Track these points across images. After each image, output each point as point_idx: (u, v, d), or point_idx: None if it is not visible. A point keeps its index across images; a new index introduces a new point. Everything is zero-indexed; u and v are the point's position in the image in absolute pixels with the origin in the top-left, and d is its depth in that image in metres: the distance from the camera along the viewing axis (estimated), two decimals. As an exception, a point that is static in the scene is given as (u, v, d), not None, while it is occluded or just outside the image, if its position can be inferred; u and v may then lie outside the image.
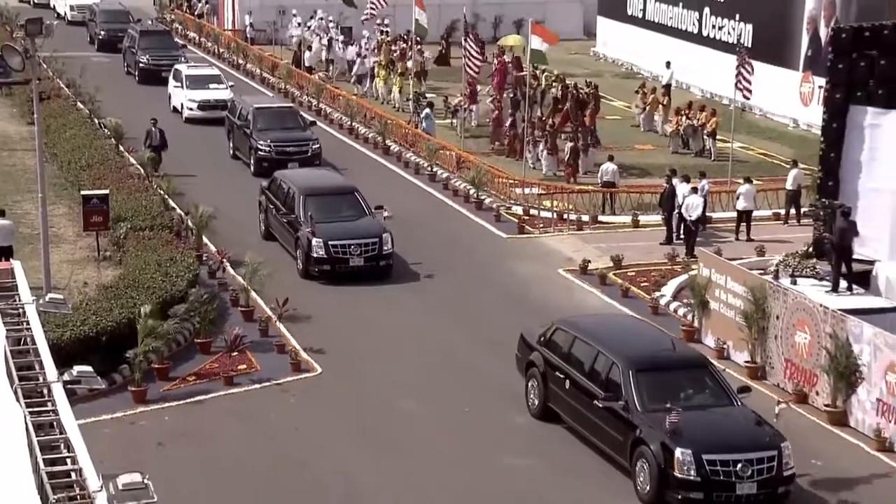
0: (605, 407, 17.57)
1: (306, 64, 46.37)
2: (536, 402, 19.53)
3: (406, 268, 26.51)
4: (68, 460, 9.68)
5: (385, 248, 25.45)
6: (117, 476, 9.33)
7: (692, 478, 16.41)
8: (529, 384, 19.75)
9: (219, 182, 32.57)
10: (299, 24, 48.84)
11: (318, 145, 33.53)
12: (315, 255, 25.21)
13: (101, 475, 9.37)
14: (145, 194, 29.11)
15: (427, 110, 37.23)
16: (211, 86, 39.62)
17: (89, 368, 12.47)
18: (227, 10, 56.95)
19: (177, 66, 41.12)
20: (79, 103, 39.24)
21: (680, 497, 16.50)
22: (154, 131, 33.22)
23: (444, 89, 42.92)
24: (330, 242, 25.19)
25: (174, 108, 39.82)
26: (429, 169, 34.12)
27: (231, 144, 35.11)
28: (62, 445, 9.89)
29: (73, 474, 9.47)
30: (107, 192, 26.77)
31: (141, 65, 44.83)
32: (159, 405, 20.08)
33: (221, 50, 52.05)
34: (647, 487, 16.77)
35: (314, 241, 25.17)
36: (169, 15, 60.17)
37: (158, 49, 45.21)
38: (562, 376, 18.84)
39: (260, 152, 32.99)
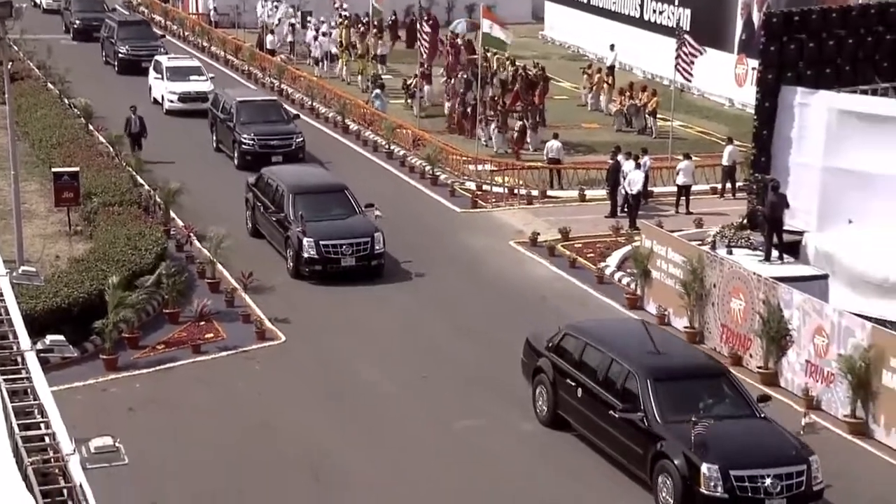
0: (621, 418, 16.12)
1: (268, 47, 46.00)
2: (546, 409, 17.95)
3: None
4: (42, 425, 9.61)
5: (377, 247, 23.86)
6: (89, 440, 9.27)
7: (719, 494, 14.87)
8: (537, 391, 18.15)
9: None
10: (263, 6, 48.38)
11: (301, 139, 31.87)
12: (306, 255, 23.59)
13: (73, 439, 9.31)
14: (114, 171, 28.82)
15: (377, 91, 37.12)
16: (192, 77, 37.91)
17: (61, 337, 12.40)
18: (193, -6, 56.27)
19: (157, 58, 39.37)
20: (49, 84, 38.69)
21: None
22: (134, 118, 32.00)
23: (400, 71, 42.77)
24: (321, 242, 23.58)
25: (154, 99, 38.10)
26: (386, 147, 34.01)
27: (214, 137, 33.47)
28: (36, 411, 9.81)
29: (46, 438, 9.40)
30: (77, 169, 26.50)
31: (121, 55, 43.06)
32: (130, 372, 19.96)
33: (186, 33, 51.49)
34: (671, 503, 15.31)
35: (305, 240, 23.55)
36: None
37: (137, 39, 43.55)
38: (573, 384, 17.29)
39: (244, 146, 31.34)
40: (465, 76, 36.68)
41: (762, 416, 16.17)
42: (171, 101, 37.23)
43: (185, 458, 17.14)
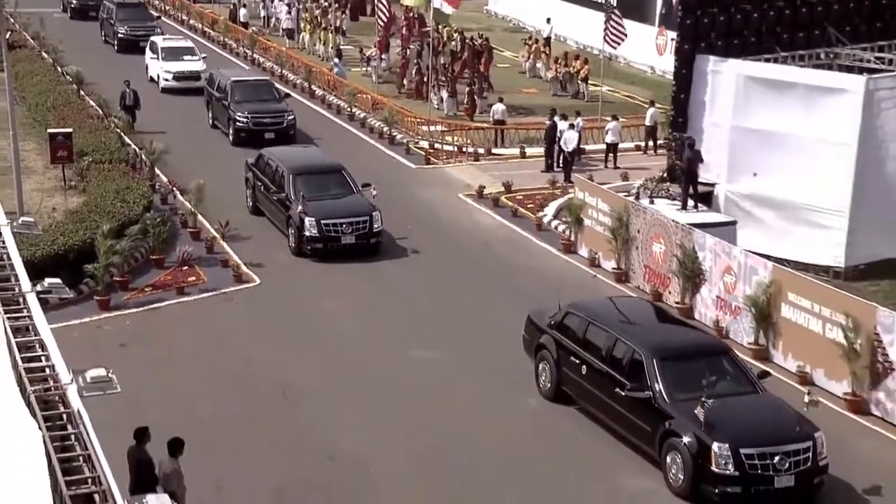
0: (628, 396, 14.91)
1: (241, 20, 45.26)
2: (549, 384, 16.67)
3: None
4: (42, 358, 9.55)
5: (375, 225, 22.51)
6: (85, 371, 9.23)
7: (730, 472, 13.76)
8: (540, 366, 16.87)
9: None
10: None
11: (293, 116, 30.25)
12: (308, 233, 22.20)
13: (71, 370, 9.27)
14: (104, 132, 28.42)
15: (335, 59, 36.69)
16: (185, 57, 36.36)
17: (59, 281, 12.28)
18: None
19: (153, 39, 37.86)
20: (43, 53, 37.86)
21: (717, 491, 13.86)
22: (128, 92, 30.95)
23: (359, 41, 42.35)
24: (322, 221, 22.22)
25: (151, 78, 36.63)
26: (348, 110, 33.76)
27: (210, 115, 31.81)
28: (37, 345, 9.75)
29: (46, 370, 9.35)
30: (70, 130, 26.08)
31: (120, 35, 41.46)
32: (121, 312, 19.83)
33: (167, 7, 50.51)
34: (681, 480, 14.15)
35: (307, 220, 22.17)
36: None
37: (135, 20, 41.99)
38: (577, 361, 16.05)
39: (238, 123, 29.85)
40: (418, 47, 36.41)
41: (763, 391, 15.05)
42: (167, 80, 35.63)
43: (172, 386, 17.10)
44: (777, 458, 13.76)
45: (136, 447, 12.50)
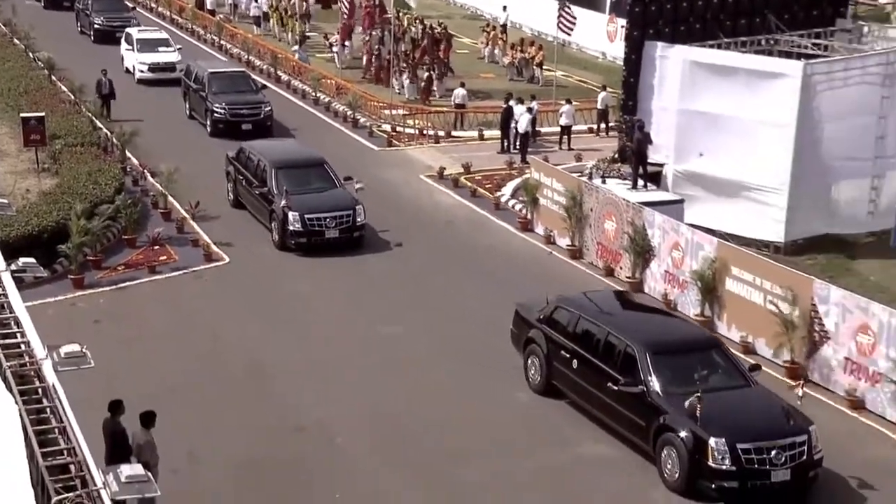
0: (621, 391, 14.28)
1: (208, 7, 44.69)
2: (539, 378, 16.02)
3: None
4: (18, 334, 9.45)
5: (358, 219, 21.67)
6: (60, 347, 9.14)
7: (726, 467, 13.26)
8: (529, 360, 16.21)
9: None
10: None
11: (269, 108, 29.23)
12: (292, 228, 21.30)
13: (46, 346, 9.18)
14: (76, 116, 28.00)
15: (296, 47, 36.28)
16: (160, 49, 35.26)
17: (33, 260, 12.14)
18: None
19: (128, 30, 36.65)
20: (15, 40, 37.16)
21: (714, 486, 13.35)
22: (104, 81, 30.10)
23: (323, 28, 42.02)
24: (306, 216, 21.32)
25: (126, 69, 35.52)
26: (313, 94, 33.51)
27: (187, 106, 30.71)
28: (12, 322, 9.63)
29: (22, 346, 9.25)
30: (42, 114, 25.63)
31: (96, 26, 40.24)
32: (94, 290, 19.63)
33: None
34: (676, 475, 13.60)
35: (291, 214, 21.28)
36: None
37: (111, 11, 40.71)
38: (568, 355, 15.41)
39: (216, 114, 28.82)
40: (379, 34, 36.20)
41: (755, 384, 14.51)
42: (142, 72, 34.62)
43: (145, 361, 16.98)
44: (773, 453, 13.31)
45: (110, 419, 12.42)
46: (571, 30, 32.08)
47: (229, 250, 21.55)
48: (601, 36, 39.67)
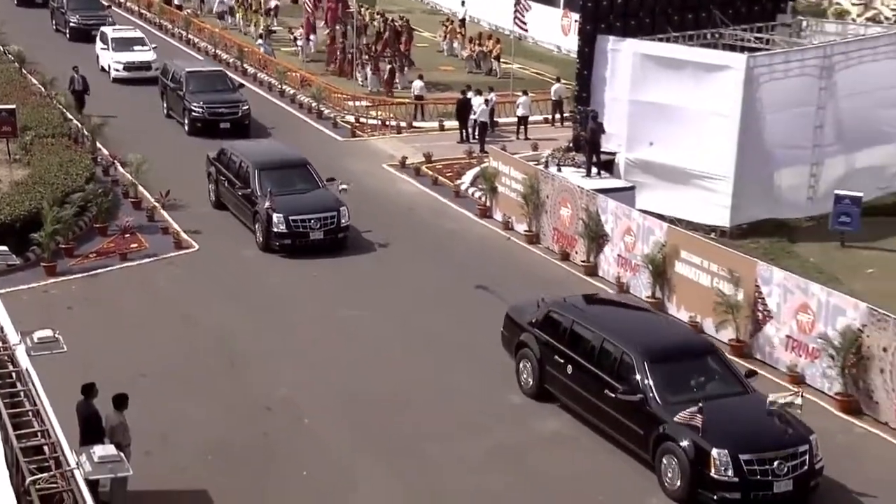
0: (619, 399, 13.56)
1: (175, 2, 44.10)
2: (531, 382, 15.23)
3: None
4: (-9, 321, 9.30)
5: (342, 220, 20.77)
6: (33, 332, 9.02)
7: (729, 478, 12.54)
8: (521, 364, 15.42)
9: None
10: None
11: (247, 107, 28.28)
12: (276, 229, 20.42)
13: (19, 332, 9.05)
14: (47, 108, 27.52)
15: (259, 40, 35.99)
16: (135, 48, 34.23)
17: (6, 248, 11.97)
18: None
19: (103, 29, 34.98)
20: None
21: (716, 497, 12.62)
22: (77, 77, 29.15)
23: (288, 23, 41.67)
24: (290, 217, 20.40)
25: (102, 67, 34.47)
26: (279, 87, 33.25)
27: (165, 105, 29.76)
28: (-15, 310, 9.49)
29: (-4, 332, 9.12)
30: (13, 106, 25.14)
31: (72, 24, 39.06)
32: (67, 277, 19.36)
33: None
34: (677, 485, 12.90)
35: (275, 216, 20.39)
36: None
37: (86, 10, 39.46)
38: (561, 360, 14.64)
39: (194, 113, 27.88)
40: (342, 28, 35.98)
41: (752, 391, 13.73)
42: (118, 70, 33.61)
43: (117, 346, 16.78)
44: (776, 463, 12.62)
45: (83, 402, 12.27)
46: (525, 26, 32.14)
47: (198, 238, 21.32)
48: (556, 30, 39.74)
